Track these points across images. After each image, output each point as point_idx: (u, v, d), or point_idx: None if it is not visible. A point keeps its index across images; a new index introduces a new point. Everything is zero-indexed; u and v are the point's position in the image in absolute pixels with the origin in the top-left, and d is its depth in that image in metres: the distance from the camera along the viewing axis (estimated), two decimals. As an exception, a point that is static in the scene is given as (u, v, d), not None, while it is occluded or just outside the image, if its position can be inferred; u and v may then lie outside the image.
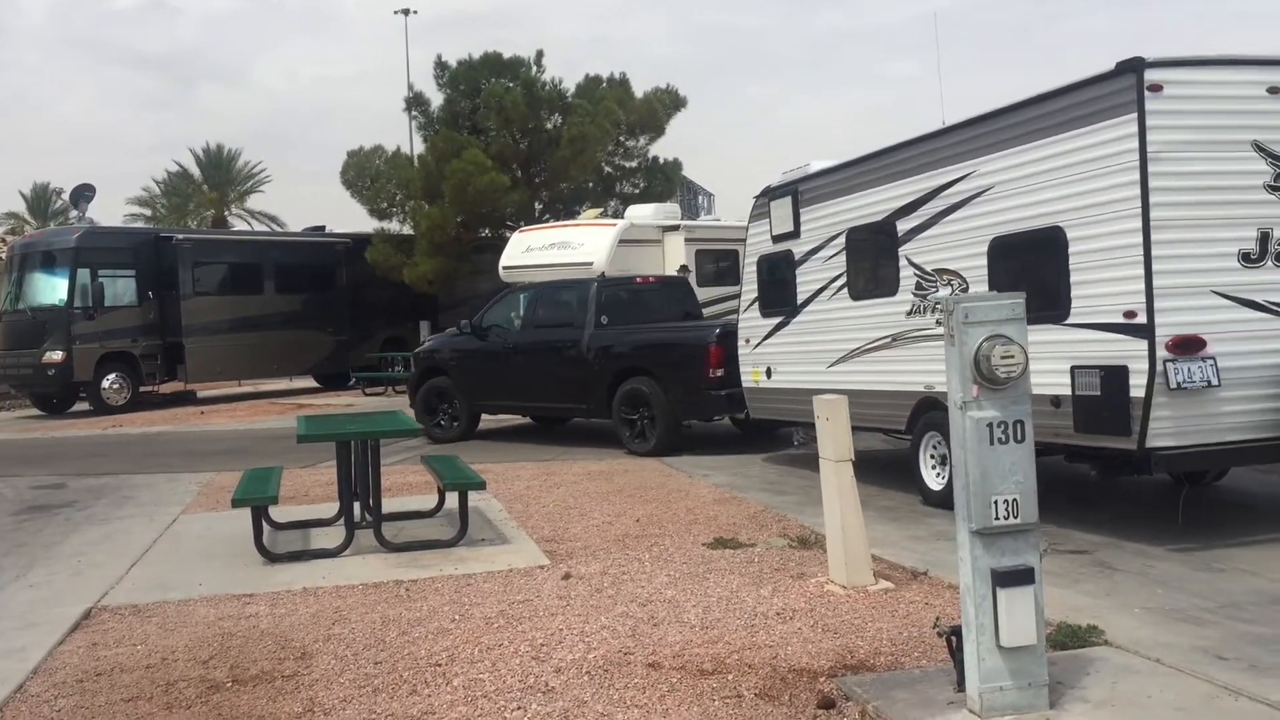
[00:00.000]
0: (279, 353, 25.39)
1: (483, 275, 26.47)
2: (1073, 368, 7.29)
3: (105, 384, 22.78)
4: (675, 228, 23.58)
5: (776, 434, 13.50)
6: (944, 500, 8.31)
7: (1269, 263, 7.06)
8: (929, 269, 8.97)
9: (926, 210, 8.93)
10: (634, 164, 28.31)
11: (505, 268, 24.06)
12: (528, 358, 14.76)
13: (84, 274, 22.74)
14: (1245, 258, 7.05)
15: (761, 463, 12.06)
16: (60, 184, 56.94)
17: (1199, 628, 5.54)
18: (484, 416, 16.13)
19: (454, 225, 24.97)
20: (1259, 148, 7.08)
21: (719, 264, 24.47)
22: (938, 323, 8.42)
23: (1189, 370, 6.81)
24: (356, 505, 8.72)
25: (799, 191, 10.82)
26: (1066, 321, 7.41)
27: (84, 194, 26.64)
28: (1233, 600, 6.01)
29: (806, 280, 10.70)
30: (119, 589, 7.54)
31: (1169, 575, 6.58)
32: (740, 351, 11.92)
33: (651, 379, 13.24)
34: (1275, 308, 7.05)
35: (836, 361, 10.11)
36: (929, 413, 8.85)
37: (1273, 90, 7.12)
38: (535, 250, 23.46)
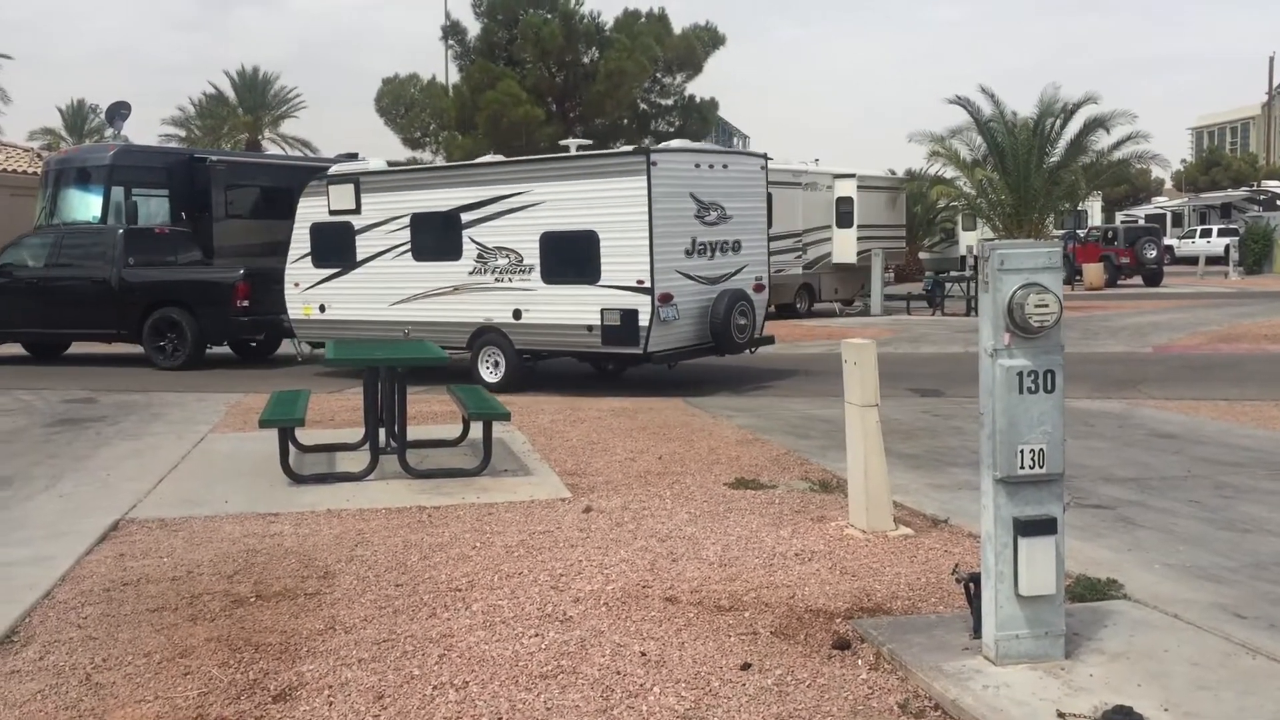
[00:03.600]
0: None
1: (514, 208, 26.47)
2: (602, 309, 12.68)
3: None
4: (709, 168, 23.46)
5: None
6: (499, 389, 12.70)
7: (695, 256, 13.05)
8: (490, 245, 13.61)
9: (489, 209, 13.63)
10: (670, 102, 28.10)
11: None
12: (55, 292, 17.07)
13: (118, 192, 22.73)
14: (686, 253, 12.95)
15: (786, 406, 12.06)
16: (96, 101, 57.05)
17: (1219, 585, 5.52)
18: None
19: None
20: (692, 196, 13.01)
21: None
22: (495, 280, 13.59)
23: (667, 312, 12.59)
24: (382, 431, 8.79)
25: (361, 181, 14.91)
26: (598, 284, 12.70)
27: (120, 111, 26.64)
28: (1256, 560, 5.98)
29: (368, 244, 14.69)
30: (147, 503, 7.65)
31: (1192, 533, 6.55)
32: (289, 292, 15.51)
33: (183, 309, 16.39)
34: (698, 279, 13.11)
35: (399, 302, 14.38)
36: (486, 334, 13.70)
37: (696, 165, 13.24)
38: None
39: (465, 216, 13.76)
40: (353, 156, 28.83)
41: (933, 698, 4.20)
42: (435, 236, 14.04)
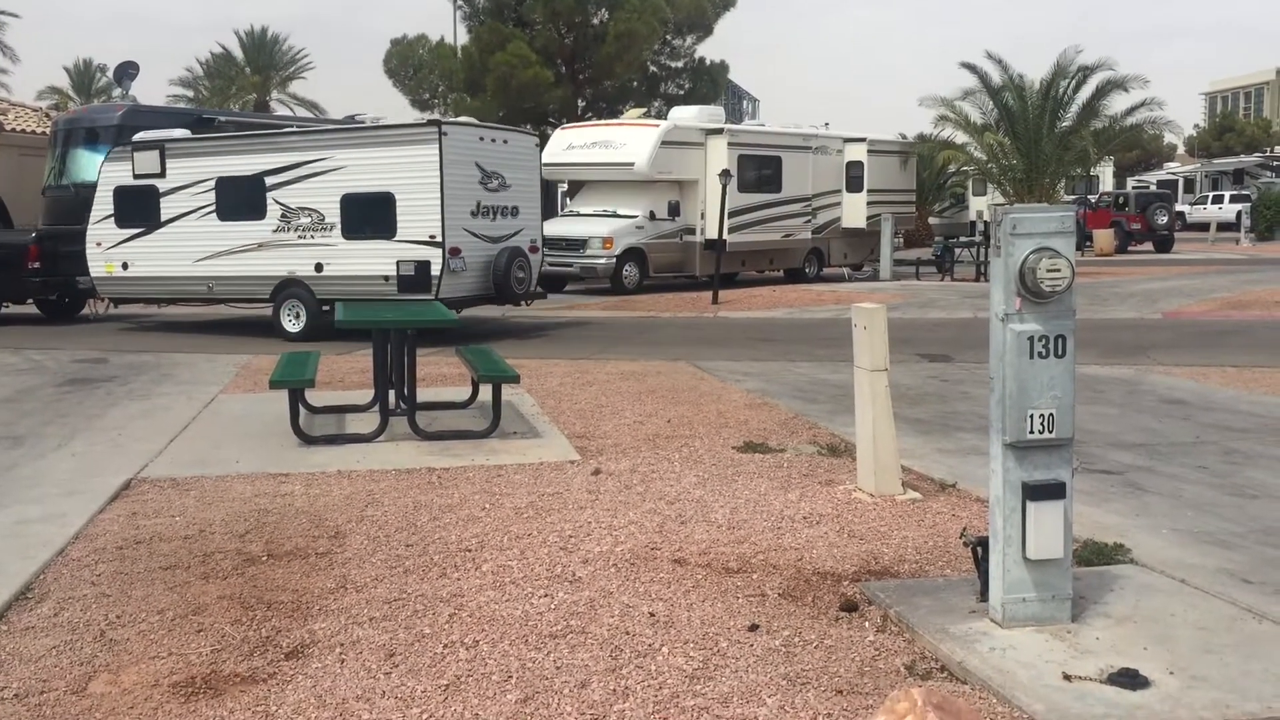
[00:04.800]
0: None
1: (523, 171, 26.37)
2: (398, 261, 14.37)
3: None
4: (719, 131, 23.34)
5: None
6: (299, 338, 14.60)
7: (480, 217, 14.87)
8: (293, 206, 14.97)
9: (293, 174, 14.93)
10: (680, 64, 27.95)
11: (547, 165, 23.88)
12: None
13: (126, 152, 22.73)
14: (472, 214, 14.74)
15: (794, 370, 12.06)
16: (104, 61, 56.85)
17: (1227, 550, 5.54)
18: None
19: (495, 119, 24.80)
20: (477, 165, 14.80)
21: (761, 170, 24.25)
22: (299, 237, 14.95)
23: (456, 264, 14.38)
24: (391, 393, 8.82)
25: (166, 147, 15.93)
26: (394, 239, 14.37)
27: (128, 71, 26.50)
28: (1263, 525, 5.99)
29: (172, 206, 15.79)
30: (158, 462, 7.70)
31: (1200, 499, 6.56)
32: (91, 252, 16.46)
33: None
34: (483, 237, 14.94)
35: (203, 259, 15.59)
36: (289, 287, 15.09)
37: (480, 139, 15.22)
38: (577, 149, 23.33)
39: (270, 180, 15.15)
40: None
41: (939, 659, 4.23)
42: (240, 198, 15.32)
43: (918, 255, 28.27)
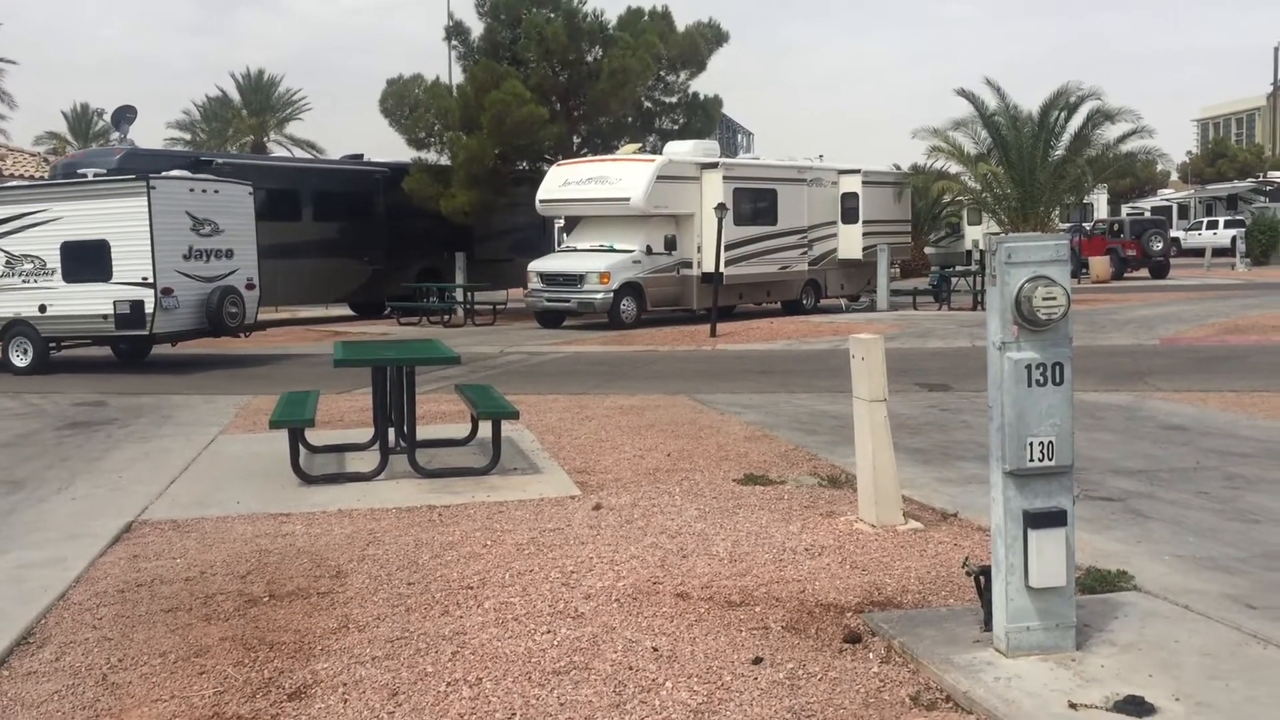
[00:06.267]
0: (315, 279, 25.47)
1: (519, 208, 26.41)
2: (114, 301, 15.88)
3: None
4: (714, 165, 23.42)
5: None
6: (26, 371, 16.34)
7: (192, 260, 16.41)
8: (16, 253, 16.44)
9: (16, 224, 16.44)
10: (674, 99, 28.03)
11: (543, 200, 24.02)
12: None
13: (124, 196, 22.83)
14: (184, 257, 16.31)
15: (793, 402, 12.07)
16: (101, 105, 57.16)
17: (1230, 576, 5.53)
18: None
19: (491, 157, 24.88)
20: (188, 213, 16.36)
21: (756, 203, 24.35)
22: (23, 282, 16.43)
23: (168, 302, 15.94)
24: (391, 431, 8.82)
25: None
26: (111, 281, 15.91)
27: (125, 115, 26.64)
28: (1266, 550, 5.99)
29: None
30: (159, 504, 7.69)
31: (1202, 524, 6.56)
32: None
33: None
34: (196, 277, 16.48)
35: None
36: (15, 326, 16.56)
37: (191, 190, 16.70)
38: (573, 184, 23.40)
39: None
40: (358, 157, 28.97)
41: (944, 690, 4.22)
42: None
43: (914, 285, 28.35)
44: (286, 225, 25.13)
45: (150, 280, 15.77)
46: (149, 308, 15.83)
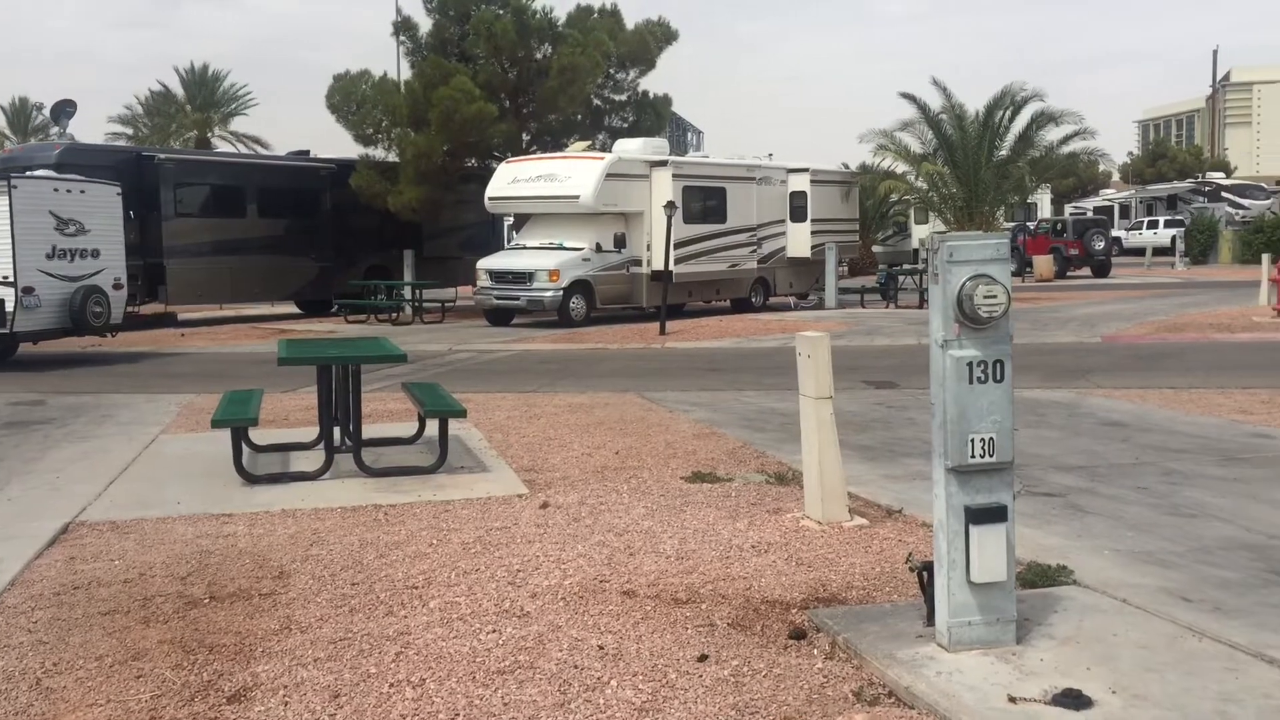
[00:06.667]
0: (261, 277, 25.17)
1: (468, 205, 26.28)
2: None
3: (84, 303, 22.61)
4: (663, 163, 23.46)
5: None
6: None
7: (56, 259, 16.30)
8: None
9: None
10: (623, 98, 28.02)
11: (491, 198, 23.91)
12: None
13: (63, 191, 22.41)
14: (48, 256, 16.19)
15: (742, 400, 12.11)
16: (41, 99, 56.13)
17: (1166, 570, 5.63)
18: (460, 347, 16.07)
19: (440, 154, 24.71)
20: (51, 213, 16.23)
21: (706, 201, 24.41)
22: None
23: (30, 301, 15.88)
24: (336, 430, 8.74)
25: None
26: None
27: (65, 110, 26.21)
28: (1201, 545, 6.10)
29: None
30: (97, 505, 7.55)
31: (1140, 519, 6.66)
32: None
33: None
34: (60, 277, 16.36)
35: None
36: None
37: (55, 190, 16.66)
38: (522, 182, 23.32)
39: None
40: (304, 154, 28.65)
41: (887, 685, 4.25)
42: None
43: (862, 283, 28.58)
44: (231, 222, 24.85)
45: (10, 279, 15.76)
46: (9, 306, 15.83)
